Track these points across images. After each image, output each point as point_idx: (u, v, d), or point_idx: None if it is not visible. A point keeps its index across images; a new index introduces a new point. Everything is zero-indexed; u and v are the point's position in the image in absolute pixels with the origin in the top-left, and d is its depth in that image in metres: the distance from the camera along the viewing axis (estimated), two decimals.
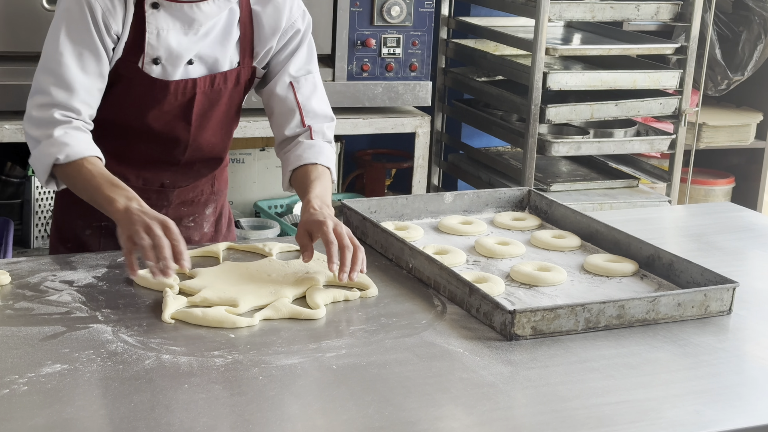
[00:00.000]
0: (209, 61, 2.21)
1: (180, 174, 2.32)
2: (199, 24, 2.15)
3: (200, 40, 2.17)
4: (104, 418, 1.49)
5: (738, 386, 1.70)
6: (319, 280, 2.02)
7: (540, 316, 1.82)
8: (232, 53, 2.23)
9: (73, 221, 2.32)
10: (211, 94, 2.22)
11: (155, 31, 2.13)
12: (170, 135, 2.24)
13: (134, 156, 2.26)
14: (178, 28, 2.14)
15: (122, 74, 2.16)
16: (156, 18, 2.12)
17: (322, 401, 1.57)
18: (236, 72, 2.24)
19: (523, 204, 2.54)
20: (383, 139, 4.37)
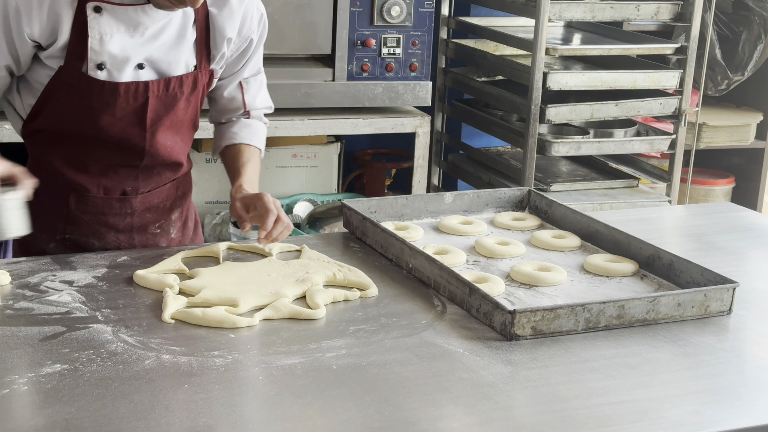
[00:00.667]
0: (162, 66, 2.14)
1: (141, 180, 2.25)
2: (145, 27, 2.08)
3: (147, 43, 2.10)
4: (104, 418, 1.49)
5: (738, 386, 1.70)
6: (319, 281, 2.02)
7: (540, 316, 1.82)
8: (188, 56, 2.17)
9: (37, 234, 2.19)
10: (166, 98, 2.16)
11: (98, 36, 2.05)
12: (126, 141, 2.16)
13: (92, 164, 2.19)
14: (122, 32, 2.07)
15: (66, 81, 2.09)
16: (98, 22, 2.05)
17: (322, 401, 1.57)
18: (193, 76, 2.18)
19: (523, 204, 2.54)
20: (383, 139, 4.37)
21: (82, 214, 2.23)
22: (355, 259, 2.19)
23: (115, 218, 2.25)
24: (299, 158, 3.96)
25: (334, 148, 4.02)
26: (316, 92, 3.57)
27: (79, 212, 2.22)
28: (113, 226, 2.25)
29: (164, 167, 2.27)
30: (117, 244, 2.26)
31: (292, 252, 2.21)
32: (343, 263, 2.12)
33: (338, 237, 2.37)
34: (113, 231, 2.26)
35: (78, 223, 2.23)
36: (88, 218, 2.23)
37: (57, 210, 2.22)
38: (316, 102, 3.57)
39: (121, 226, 2.26)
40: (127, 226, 2.26)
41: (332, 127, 3.60)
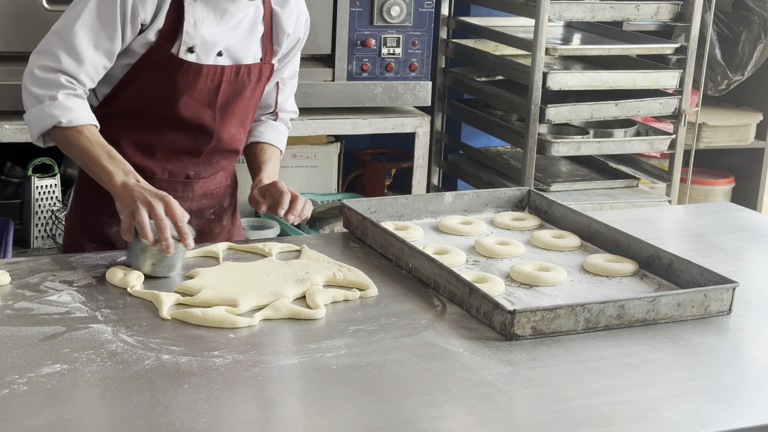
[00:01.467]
0: (236, 54, 2.27)
1: (202, 166, 2.35)
2: (231, 15, 2.22)
3: (230, 31, 2.24)
4: (104, 418, 1.49)
5: (738, 386, 1.70)
6: (319, 280, 2.02)
7: (540, 316, 1.82)
8: (256, 49, 2.30)
9: (99, 218, 2.32)
10: (236, 84, 2.28)
11: (192, 20, 2.19)
12: (198, 123, 2.27)
13: (160, 147, 2.29)
14: (212, 18, 2.20)
15: (154, 61, 2.20)
16: (194, 8, 2.18)
17: (322, 401, 1.57)
18: (259, 67, 2.31)
19: (523, 204, 2.54)
20: (383, 139, 4.37)
21: None
22: (355, 259, 2.19)
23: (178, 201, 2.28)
24: (299, 158, 3.96)
25: (334, 148, 4.02)
26: (316, 92, 3.57)
27: None
28: None
29: (223, 154, 2.37)
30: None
31: (292, 252, 2.21)
32: (343, 263, 2.12)
33: (338, 237, 2.37)
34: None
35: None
36: None
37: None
38: (316, 102, 3.57)
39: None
40: (186, 210, 2.29)
41: (332, 127, 3.60)
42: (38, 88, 2.14)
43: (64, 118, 2.11)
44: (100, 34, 2.14)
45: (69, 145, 2.13)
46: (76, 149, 2.12)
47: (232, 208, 2.51)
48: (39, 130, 2.14)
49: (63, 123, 2.11)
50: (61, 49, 2.14)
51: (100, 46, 2.15)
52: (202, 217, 2.41)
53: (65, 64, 2.13)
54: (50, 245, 3.50)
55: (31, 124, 2.16)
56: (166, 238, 1.95)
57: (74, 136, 2.12)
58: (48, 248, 3.50)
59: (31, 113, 2.15)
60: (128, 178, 2.04)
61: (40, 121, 2.13)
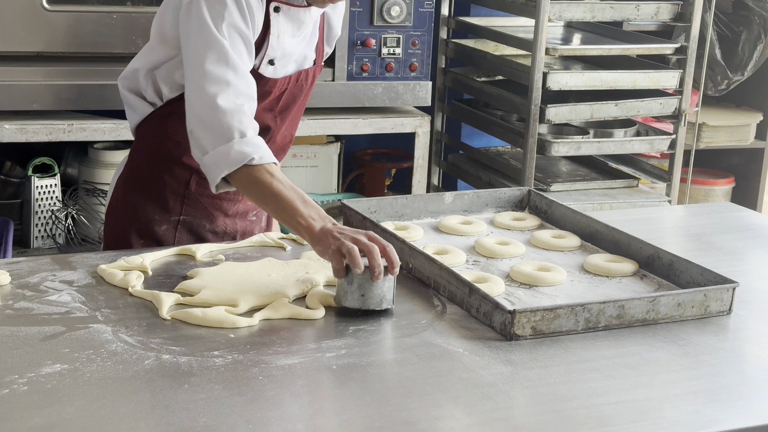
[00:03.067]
0: (300, 59, 2.29)
1: None
2: (306, 27, 2.24)
3: (302, 41, 2.26)
4: (104, 418, 1.49)
5: (738, 386, 1.70)
6: (319, 281, 2.02)
7: (540, 316, 1.82)
8: (312, 52, 2.33)
9: (150, 216, 2.30)
10: (295, 89, 2.30)
11: (276, 33, 2.18)
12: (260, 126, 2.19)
13: None
14: (290, 31, 2.21)
15: None
16: (278, 21, 2.18)
17: (322, 401, 1.57)
18: (313, 70, 2.34)
19: (523, 204, 2.54)
20: (383, 139, 4.37)
21: (200, 196, 2.31)
22: None
23: (228, 203, 2.35)
24: (299, 158, 3.96)
25: (334, 148, 4.02)
26: (316, 92, 3.56)
27: (198, 194, 2.31)
28: (225, 210, 2.36)
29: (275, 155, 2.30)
30: (224, 227, 2.37)
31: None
32: None
33: None
34: (223, 215, 2.36)
35: (195, 205, 2.32)
36: (205, 201, 2.32)
37: (177, 191, 2.30)
38: (316, 102, 3.57)
39: (231, 211, 2.37)
40: (235, 211, 2.37)
41: (332, 127, 3.60)
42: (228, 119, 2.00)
43: (256, 155, 1.98)
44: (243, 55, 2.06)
45: (258, 186, 1.99)
46: (267, 191, 1.98)
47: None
48: (227, 170, 2.00)
49: (255, 160, 1.98)
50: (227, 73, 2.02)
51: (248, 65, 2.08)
52: (245, 219, 2.42)
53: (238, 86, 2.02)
54: (50, 245, 3.50)
55: (218, 166, 2.01)
56: (376, 261, 1.84)
57: (265, 177, 1.98)
58: (48, 248, 3.50)
59: (217, 153, 2.00)
60: (326, 222, 1.93)
61: (229, 160, 1.99)
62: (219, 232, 2.37)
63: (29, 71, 2.10)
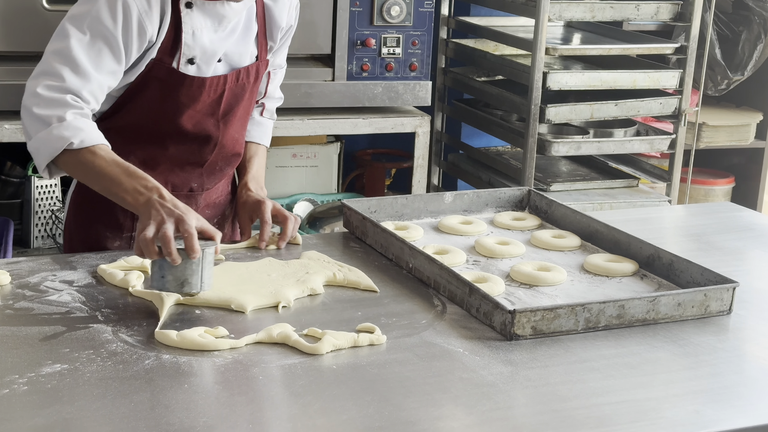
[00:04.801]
0: (234, 58, 2.22)
1: (205, 176, 2.31)
2: (228, 21, 2.17)
3: (228, 37, 2.19)
4: (104, 418, 1.49)
5: (738, 386, 1.70)
6: (319, 281, 2.01)
7: (540, 316, 1.82)
8: (252, 48, 2.26)
9: (102, 233, 2.26)
10: (236, 89, 2.24)
11: (191, 30, 2.13)
12: (201, 134, 2.23)
13: (163, 161, 2.23)
14: (209, 27, 2.15)
15: (156, 77, 2.13)
16: (191, 17, 2.12)
17: (322, 401, 1.57)
18: (256, 66, 2.27)
19: (523, 204, 2.54)
20: (383, 139, 4.37)
21: None
22: (355, 259, 2.19)
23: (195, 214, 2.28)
24: (299, 158, 3.96)
25: (334, 147, 4.02)
26: (316, 92, 3.57)
27: None
28: None
29: (226, 162, 2.33)
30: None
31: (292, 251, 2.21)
32: (343, 263, 2.12)
33: (338, 237, 2.37)
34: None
35: None
36: None
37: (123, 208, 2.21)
38: (316, 102, 3.57)
39: None
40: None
41: (332, 126, 3.60)
42: (44, 110, 1.98)
43: (76, 138, 1.95)
44: (102, 53, 2.03)
45: (83, 169, 1.98)
46: (91, 171, 1.97)
47: (232, 213, 2.46)
48: (48, 156, 1.98)
49: (75, 144, 1.95)
50: (64, 69, 2.00)
51: (103, 66, 2.04)
52: None
53: (70, 82, 2.00)
54: (50, 245, 3.50)
55: (38, 151, 1.99)
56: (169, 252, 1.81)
57: (88, 158, 1.96)
58: (48, 248, 3.50)
59: (38, 139, 1.99)
60: (152, 194, 1.89)
61: (49, 145, 1.97)
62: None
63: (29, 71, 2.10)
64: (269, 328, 1.78)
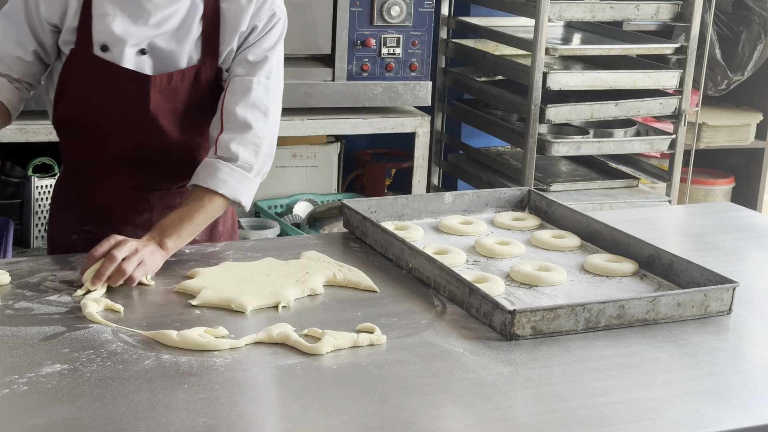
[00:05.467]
0: (164, 54, 2.14)
1: (157, 174, 2.24)
2: (148, 13, 2.10)
3: (152, 29, 2.11)
4: (104, 418, 1.48)
5: (738, 386, 1.70)
6: (319, 281, 2.02)
7: (540, 316, 1.82)
8: (192, 50, 2.15)
9: (62, 226, 2.30)
10: (168, 91, 2.15)
11: (101, 15, 2.10)
12: (136, 131, 2.16)
13: (108, 155, 2.20)
14: (125, 15, 2.10)
15: (77, 64, 2.13)
16: (101, 3, 2.09)
17: (322, 401, 1.57)
18: (195, 70, 2.16)
19: (523, 204, 2.54)
20: (383, 139, 4.37)
21: (100, 206, 2.25)
22: (355, 259, 2.19)
23: (132, 212, 2.26)
24: (299, 158, 3.96)
25: (334, 148, 4.02)
26: (316, 92, 3.57)
27: (97, 204, 2.25)
28: (130, 219, 2.26)
29: (181, 164, 2.24)
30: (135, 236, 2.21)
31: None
32: (343, 263, 2.12)
33: (338, 237, 2.37)
34: (131, 225, 2.26)
35: (97, 215, 2.25)
36: (106, 210, 2.25)
37: (79, 201, 2.27)
38: (316, 102, 3.57)
39: (138, 221, 2.26)
40: (145, 221, 2.26)
41: (332, 127, 3.60)
42: None
43: None
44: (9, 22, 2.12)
45: None
46: None
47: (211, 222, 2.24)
48: None
49: None
50: None
51: (11, 35, 2.12)
52: None
53: None
54: None
55: None
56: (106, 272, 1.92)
57: None
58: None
59: None
60: None
61: None
62: None
63: None
64: (269, 328, 1.78)
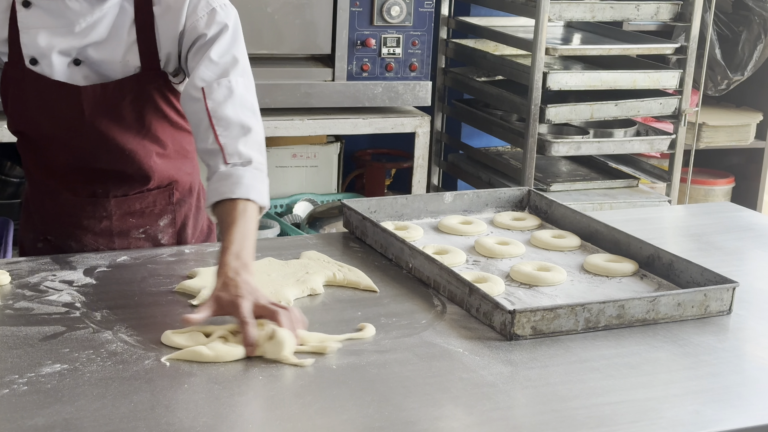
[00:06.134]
0: (96, 63, 2.07)
1: (111, 183, 2.19)
2: (71, 22, 2.04)
3: (77, 39, 2.05)
4: (104, 418, 1.49)
5: (738, 386, 1.70)
6: (319, 281, 2.02)
7: (540, 316, 1.82)
8: (129, 57, 2.07)
9: (26, 234, 2.30)
10: (105, 102, 2.08)
11: (26, 29, 2.05)
12: (82, 142, 2.12)
13: (57, 165, 2.17)
14: (50, 26, 2.04)
15: (11, 77, 2.10)
16: (26, 16, 2.05)
17: (322, 401, 1.57)
18: (135, 79, 2.08)
19: (523, 204, 2.54)
20: (383, 139, 4.37)
21: (57, 215, 2.24)
22: (355, 259, 2.19)
23: (90, 220, 2.23)
24: (299, 158, 3.96)
25: (334, 147, 4.02)
26: (316, 92, 3.57)
27: (55, 213, 2.24)
28: (89, 228, 2.23)
29: (135, 170, 2.17)
30: (95, 246, 2.24)
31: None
32: (343, 263, 2.12)
33: (338, 237, 2.37)
34: (90, 233, 2.23)
35: (55, 224, 2.24)
36: (63, 220, 2.23)
37: (40, 211, 2.27)
38: (316, 102, 3.57)
39: (98, 229, 2.23)
40: (104, 229, 2.23)
41: (332, 127, 3.61)
42: None
43: None
44: None
45: None
46: None
47: (176, 226, 2.29)
48: None
49: None
50: None
51: None
52: (128, 237, 2.24)
53: None
54: None
55: None
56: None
57: None
58: None
59: None
60: None
61: None
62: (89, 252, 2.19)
63: None
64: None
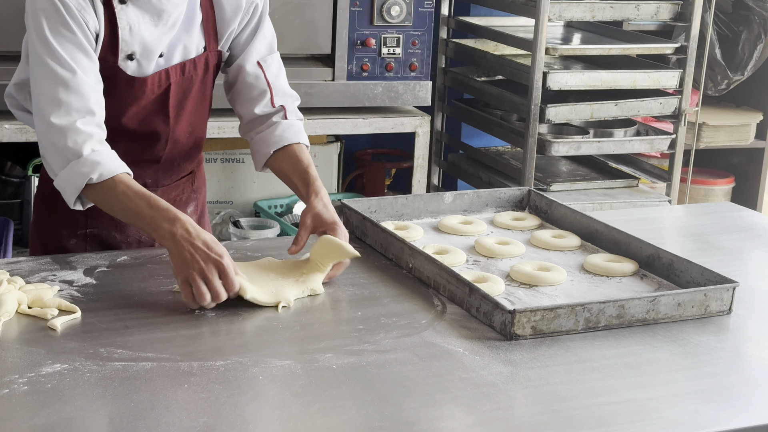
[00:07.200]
0: (178, 51, 2.15)
1: (161, 172, 2.27)
2: (168, 14, 2.09)
3: (170, 30, 2.11)
4: (104, 418, 1.49)
5: (738, 386, 1.70)
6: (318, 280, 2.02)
7: (540, 316, 1.82)
8: (198, 38, 2.17)
9: (56, 230, 2.25)
10: (183, 82, 2.17)
11: (127, 26, 2.07)
12: (149, 131, 2.18)
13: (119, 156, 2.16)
14: (148, 21, 2.08)
15: (102, 75, 2.08)
16: (126, 13, 2.06)
17: (322, 401, 1.57)
18: (204, 57, 2.19)
19: (523, 204, 2.54)
20: (383, 139, 4.37)
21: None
22: (354, 259, 2.19)
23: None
24: None
25: (334, 147, 4.02)
26: (316, 92, 3.57)
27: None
28: None
29: (183, 156, 2.28)
30: (138, 236, 2.27)
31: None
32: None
33: None
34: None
35: (100, 216, 2.21)
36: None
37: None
38: (316, 102, 3.57)
39: None
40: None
41: (332, 126, 3.60)
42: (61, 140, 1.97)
43: (94, 173, 1.95)
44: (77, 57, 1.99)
45: (107, 201, 1.98)
46: (115, 204, 1.96)
47: (197, 213, 2.40)
48: (73, 192, 1.98)
49: (94, 179, 1.95)
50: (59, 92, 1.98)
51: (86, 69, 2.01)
52: None
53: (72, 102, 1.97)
54: None
55: (64, 190, 2.00)
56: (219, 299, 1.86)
57: (109, 191, 1.96)
58: None
59: (61, 177, 1.99)
60: (175, 227, 1.88)
61: (71, 183, 1.97)
62: (132, 242, 2.28)
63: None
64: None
